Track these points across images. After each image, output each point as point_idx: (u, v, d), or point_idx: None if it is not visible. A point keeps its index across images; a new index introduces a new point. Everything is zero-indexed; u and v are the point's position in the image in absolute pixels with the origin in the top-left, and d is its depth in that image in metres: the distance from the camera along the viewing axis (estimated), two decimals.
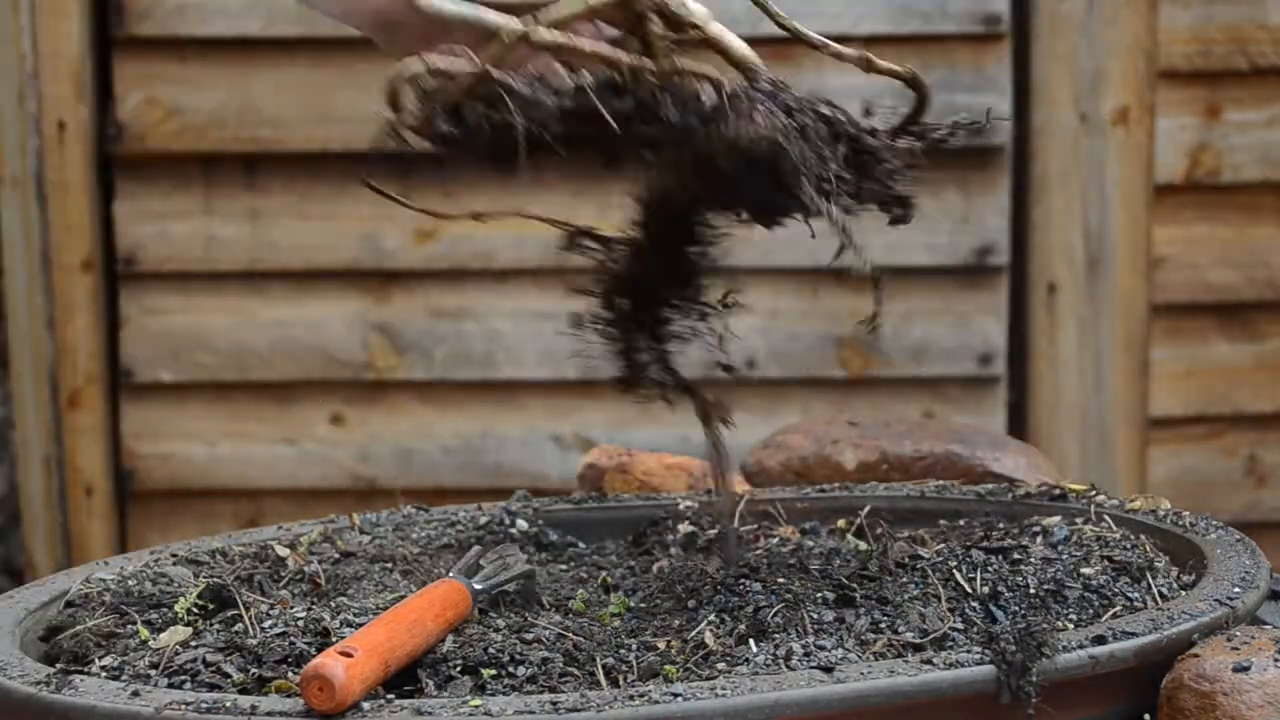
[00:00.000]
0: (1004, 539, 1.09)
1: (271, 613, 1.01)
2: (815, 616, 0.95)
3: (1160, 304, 2.57)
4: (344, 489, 2.57)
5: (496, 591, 1.04)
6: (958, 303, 2.53)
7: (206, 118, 2.48)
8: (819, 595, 0.98)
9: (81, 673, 0.88)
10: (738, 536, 1.16)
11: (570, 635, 0.95)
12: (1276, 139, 2.54)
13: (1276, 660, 0.86)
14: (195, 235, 2.53)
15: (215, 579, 1.07)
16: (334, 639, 0.94)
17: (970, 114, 1.03)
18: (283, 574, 1.11)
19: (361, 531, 1.22)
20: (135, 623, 1.01)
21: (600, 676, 0.89)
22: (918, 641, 0.92)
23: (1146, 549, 1.06)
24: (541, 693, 0.86)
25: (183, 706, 0.80)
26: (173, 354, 2.55)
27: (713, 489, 1.14)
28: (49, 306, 2.55)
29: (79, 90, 2.49)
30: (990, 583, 1.00)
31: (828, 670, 0.83)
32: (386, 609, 0.95)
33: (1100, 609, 0.98)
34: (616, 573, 1.14)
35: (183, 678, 0.90)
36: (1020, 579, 1.01)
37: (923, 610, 0.96)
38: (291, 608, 1.02)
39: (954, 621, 0.95)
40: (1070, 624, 0.96)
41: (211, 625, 1.00)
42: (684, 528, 1.21)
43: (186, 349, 2.55)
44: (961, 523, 1.18)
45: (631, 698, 0.80)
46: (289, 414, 2.58)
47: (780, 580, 1.01)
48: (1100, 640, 0.87)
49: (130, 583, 1.07)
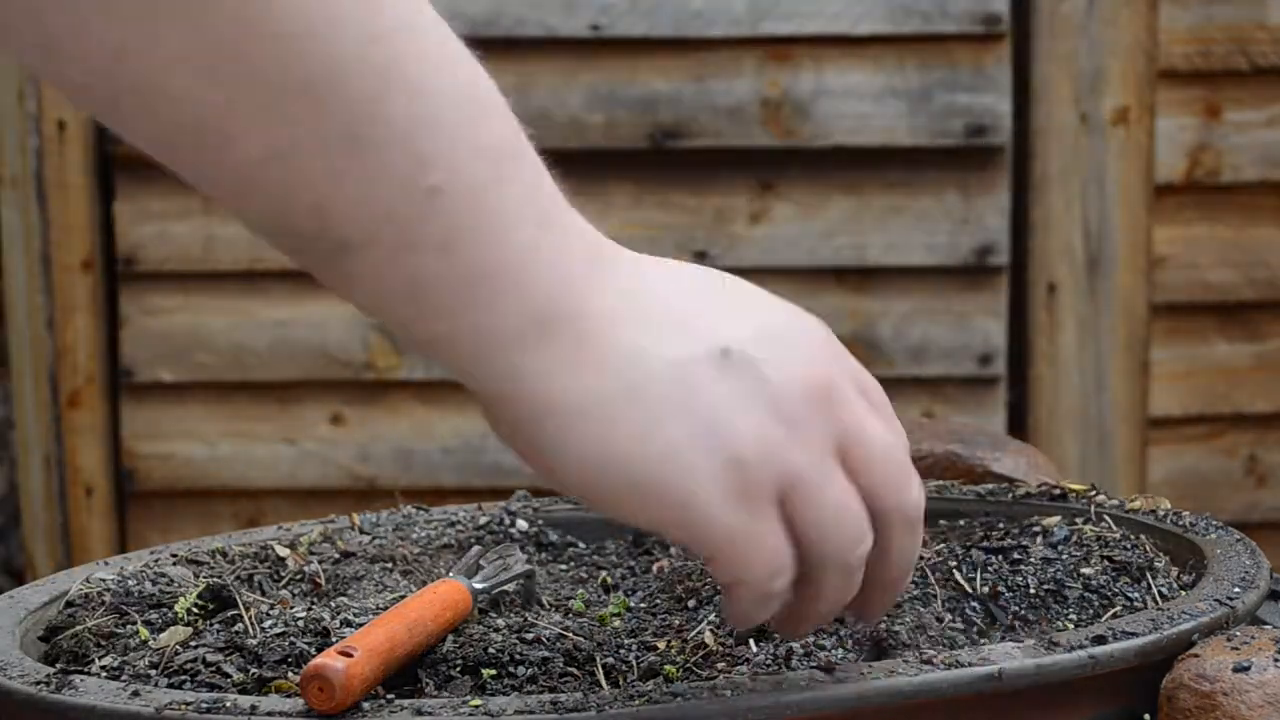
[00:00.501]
0: (1004, 539, 1.09)
1: (271, 613, 1.01)
2: None
3: (1160, 304, 2.57)
4: (344, 489, 2.57)
5: (497, 591, 1.04)
6: (958, 303, 2.53)
7: None
8: None
9: (81, 673, 0.88)
10: None
11: (570, 635, 0.95)
12: (1276, 139, 2.54)
13: (1276, 660, 0.86)
14: (195, 235, 2.53)
15: (215, 579, 1.06)
16: (334, 639, 0.94)
17: (970, 114, 1.03)
18: (283, 574, 1.11)
19: (361, 531, 1.22)
20: (135, 623, 1.01)
21: (600, 676, 0.89)
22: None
23: (1146, 549, 1.06)
24: (541, 693, 0.86)
25: (183, 706, 0.80)
26: (173, 354, 2.55)
27: None
28: (49, 306, 2.55)
29: None
30: (990, 583, 1.00)
31: (828, 670, 0.83)
32: (387, 609, 0.95)
33: (1100, 609, 0.98)
34: (616, 573, 1.14)
35: (183, 678, 0.89)
36: (1020, 579, 1.01)
37: (922, 610, 0.96)
38: (291, 608, 1.02)
39: (954, 621, 0.96)
40: (1070, 624, 0.96)
41: (211, 625, 1.00)
42: None
43: (186, 349, 2.55)
44: (961, 523, 1.18)
45: (631, 698, 0.80)
46: (289, 414, 2.58)
47: None
48: (1100, 640, 0.87)
49: (130, 583, 1.07)
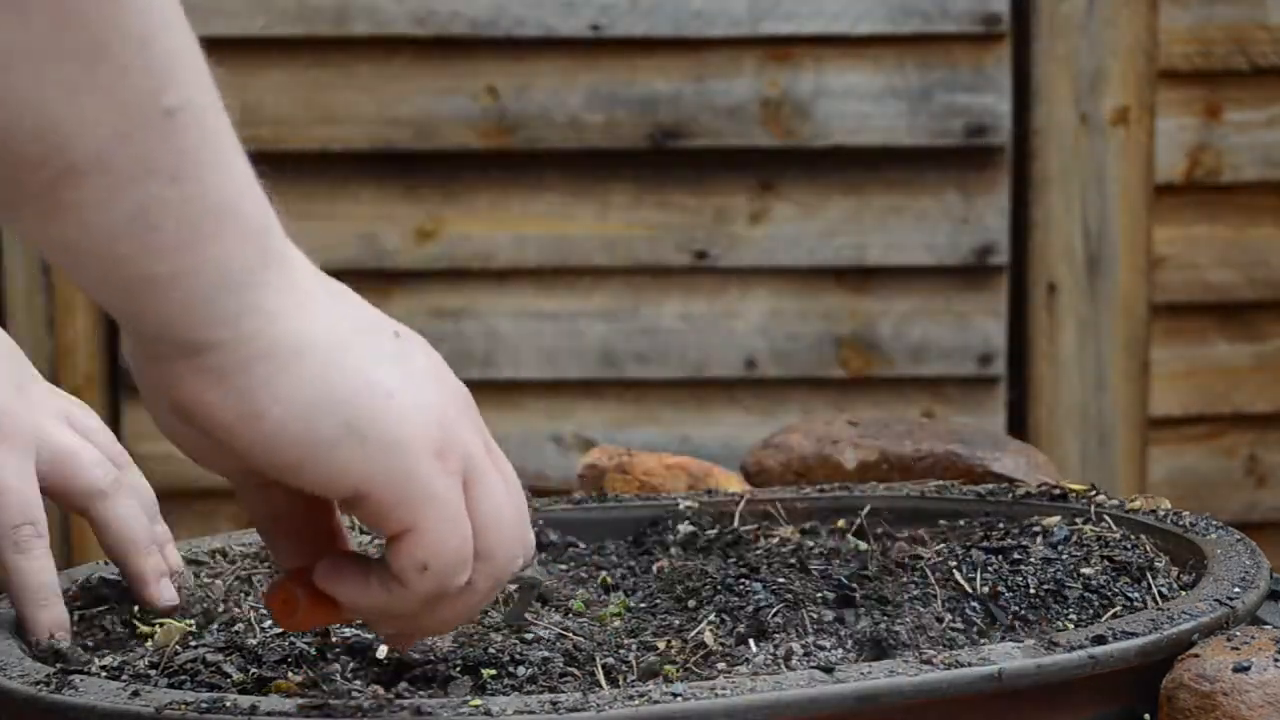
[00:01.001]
0: (1004, 539, 1.09)
1: None
2: (815, 616, 0.95)
3: (1160, 304, 2.57)
4: None
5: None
6: (958, 303, 2.53)
7: None
8: (819, 595, 0.98)
9: (81, 673, 0.88)
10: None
11: (570, 635, 0.95)
12: (1276, 139, 2.54)
13: (1276, 660, 0.86)
14: None
15: (215, 579, 1.07)
16: (334, 638, 0.94)
17: (970, 114, 1.03)
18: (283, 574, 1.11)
19: (362, 531, 1.22)
20: (135, 622, 1.01)
21: (600, 676, 0.89)
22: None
23: (1146, 549, 1.06)
24: (541, 693, 0.86)
25: (183, 706, 0.80)
26: None
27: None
28: (49, 306, 2.55)
29: None
30: (990, 583, 1.00)
31: (828, 670, 0.83)
32: None
33: (1100, 609, 0.98)
34: (616, 573, 1.14)
35: (183, 678, 0.89)
36: (1020, 579, 1.01)
37: (922, 610, 0.96)
38: None
39: (954, 621, 0.96)
40: (1070, 624, 0.96)
41: (211, 625, 1.00)
42: (684, 528, 1.21)
43: None
44: (961, 523, 1.18)
45: (631, 698, 0.80)
46: None
47: (780, 580, 1.01)
48: (1100, 640, 0.87)
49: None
